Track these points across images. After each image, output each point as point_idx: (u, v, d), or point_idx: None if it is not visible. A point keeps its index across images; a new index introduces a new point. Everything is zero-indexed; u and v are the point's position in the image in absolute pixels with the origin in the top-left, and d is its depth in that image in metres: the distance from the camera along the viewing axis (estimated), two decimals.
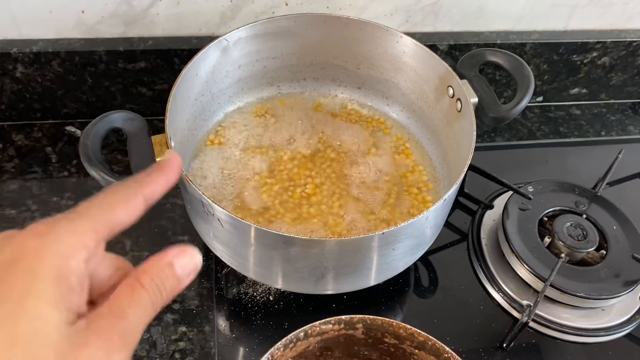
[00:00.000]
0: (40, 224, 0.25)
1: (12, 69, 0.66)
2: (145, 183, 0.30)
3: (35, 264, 0.24)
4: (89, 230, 0.26)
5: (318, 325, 0.40)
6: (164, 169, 0.32)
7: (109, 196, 0.28)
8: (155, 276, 0.27)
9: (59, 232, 0.25)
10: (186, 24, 0.68)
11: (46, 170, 0.68)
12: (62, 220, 0.26)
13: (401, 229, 0.46)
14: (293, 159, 0.62)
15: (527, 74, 0.57)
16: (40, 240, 0.24)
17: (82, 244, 0.25)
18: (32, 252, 0.24)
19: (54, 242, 0.24)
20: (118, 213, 0.27)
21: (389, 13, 0.71)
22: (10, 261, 0.24)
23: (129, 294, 0.26)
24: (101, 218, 0.27)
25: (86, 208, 0.27)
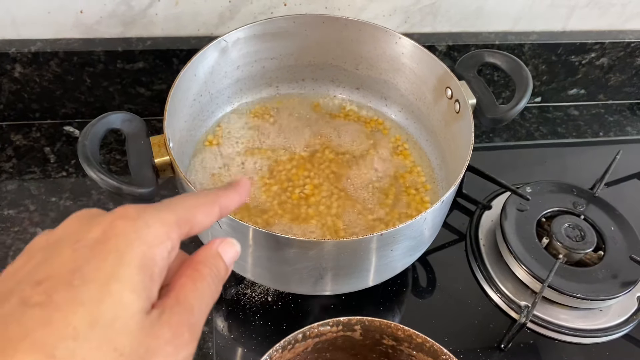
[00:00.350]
0: (129, 207, 0.26)
1: (10, 69, 0.66)
2: (222, 195, 0.31)
3: (123, 248, 0.24)
4: (174, 224, 0.26)
5: (316, 327, 0.40)
6: (237, 188, 0.33)
7: (191, 198, 0.29)
8: (212, 265, 0.28)
9: (148, 220, 0.25)
10: (185, 25, 0.68)
11: (44, 171, 0.68)
12: (150, 209, 0.26)
13: (399, 230, 0.46)
14: (291, 159, 0.62)
15: (525, 75, 0.57)
16: (130, 224, 0.25)
17: (167, 234, 0.26)
18: (122, 234, 0.24)
19: (143, 228, 0.25)
20: (198, 214, 0.28)
21: (388, 14, 0.71)
22: (99, 240, 0.24)
23: (193, 285, 0.26)
24: (185, 214, 0.27)
25: (171, 203, 0.27)
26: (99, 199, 0.65)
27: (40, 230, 0.62)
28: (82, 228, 0.25)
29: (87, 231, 0.25)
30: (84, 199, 0.65)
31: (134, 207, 0.26)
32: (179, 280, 0.26)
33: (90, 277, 0.23)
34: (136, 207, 0.26)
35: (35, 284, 0.23)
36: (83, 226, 0.26)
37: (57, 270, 0.23)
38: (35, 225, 0.62)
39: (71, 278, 0.23)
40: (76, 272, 0.23)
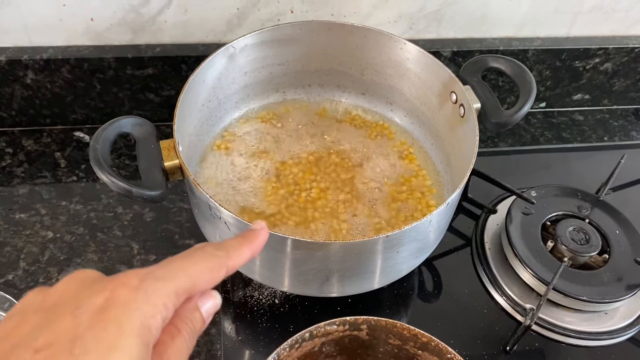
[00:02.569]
0: (131, 275, 0.26)
1: (22, 75, 0.68)
2: (232, 255, 0.30)
3: (123, 318, 0.24)
4: (172, 294, 0.26)
5: (323, 326, 0.41)
6: (252, 241, 0.32)
7: (196, 262, 0.28)
8: (188, 320, 0.28)
9: (148, 290, 0.25)
10: (193, 31, 0.69)
11: (55, 175, 0.69)
12: (150, 278, 0.26)
13: (405, 232, 0.47)
14: (298, 163, 0.63)
15: (529, 80, 0.58)
16: (131, 294, 0.25)
17: (165, 306, 0.26)
18: (122, 304, 0.25)
19: (142, 298, 0.25)
20: (200, 282, 0.28)
21: (393, 20, 0.72)
22: (100, 308, 0.24)
23: (172, 342, 0.27)
24: (185, 283, 0.27)
25: (173, 269, 0.27)
26: (108, 202, 0.66)
27: (51, 233, 0.63)
28: (83, 292, 0.25)
29: (88, 297, 0.25)
30: (94, 203, 0.66)
31: (135, 274, 0.26)
32: (161, 338, 0.27)
33: (90, 346, 0.23)
34: (137, 274, 0.26)
35: (34, 351, 0.23)
36: (83, 290, 0.26)
37: (57, 337, 0.24)
38: (46, 229, 0.63)
39: (72, 347, 0.23)
40: (77, 341, 0.23)
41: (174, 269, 0.27)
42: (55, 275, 0.60)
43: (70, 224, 0.64)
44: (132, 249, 0.62)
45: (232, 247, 0.31)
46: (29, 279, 0.59)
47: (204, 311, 0.29)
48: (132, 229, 0.64)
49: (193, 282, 0.27)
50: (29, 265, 0.60)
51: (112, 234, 0.63)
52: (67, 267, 0.60)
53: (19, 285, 0.59)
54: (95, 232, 0.63)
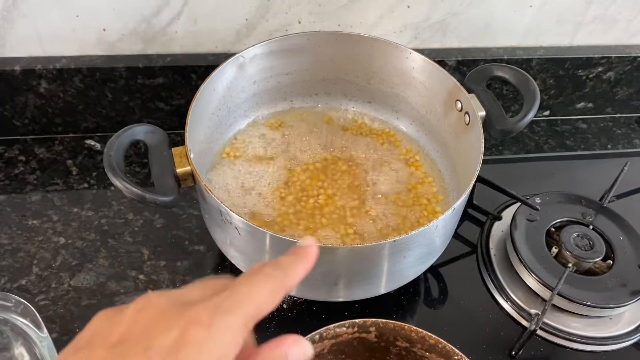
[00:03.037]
0: (201, 310, 0.25)
1: (36, 84, 0.69)
2: (289, 274, 0.29)
3: (205, 357, 0.23)
4: (242, 326, 0.25)
5: (332, 328, 0.42)
6: (306, 258, 0.31)
7: (258, 287, 0.27)
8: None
9: (219, 327, 0.24)
10: (203, 42, 0.71)
11: (67, 182, 0.70)
12: (219, 313, 0.25)
13: (412, 237, 0.48)
14: (306, 170, 0.64)
15: (532, 88, 0.59)
16: (203, 333, 0.24)
17: (235, 341, 0.25)
18: (194, 344, 0.24)
19: (214, 337, 0.24)
20: (264, 307, 0.27)
21: (399, 30, 0.74)
22: (173, 349, 0.24)
23: None
24: (251, 311, 0.26)
25: (239, 298, 0.26)
26: (119, 209, 0.67)
27: (63, 239, 0.64)
28: (153, 330, 0.24)
29: (158, 335, 0.24)
30: (105, 210, 0.67)
31: (204, 309, 0.25)
32: None
33: None
34: (206, 308, 0.25)
35: None
36: (153, 328, 0.24)
37: None
38: (58, 235, 0.64)
39: None
40: None
41: (240, 298, 0.26)
42: (67, 280, 0.61)
43: (82, 230, 0.65)
44: (143, 254, 0.63)
45: (288, 266, 0.29)
46: (42, 284, 0.60)
47: (292, 358, 0.27)
48: (143, 235, 0.65)
49: (258, 309, 0.26)
50: (41, 270, 0.61)
51: (123, 240, 0.65)
52: (79, 273, 0.61)
53: (32, 290, 0.60)
54: (106, 238, 0.65)
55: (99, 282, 0.61)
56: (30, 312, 0.51)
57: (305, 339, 0.28)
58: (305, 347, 0.28)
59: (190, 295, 0.27)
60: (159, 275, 0.62)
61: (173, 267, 0.62)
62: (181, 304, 0.25)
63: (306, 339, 0.28)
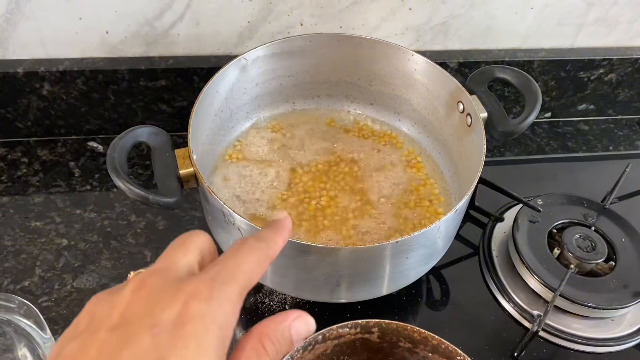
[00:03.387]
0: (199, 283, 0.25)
1: (39, 87, 0.69)
2: (271, 245, 0.30)
3: (201, 333, 0.23)
4: (239, 297, 0.26)
5: (335, 329, 0.42)
6: (282, 230, 0.32)
7: (246, 257, 0.28)
8: (275, 340, 0.27)
9: (219, 299, 0.25)
10: (205, 44, 0.71)
11: (69, 184, 0.70)
12: (217, 285, 0.25)
13: (414, 238, 0.48)
14: (308, 172, 0.65)
15: (534, 90, 0.59)
16: (204, 306, 0.24)
17: (235, 311, 0.25)
18: (197, 318, 0.24)
19: (216, 309, 0.24)
20: (254, 277, 0.27)
21: (400, 32, 0.74)
22: (176, 324, 0.23)
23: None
24: (244, 281, 0.26)
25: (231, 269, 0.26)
26: (121, 211, 0.68)
27: (66, 241, 0.64)
28: (155, 307, 0.24)
29: (161, 312, 0.24)
30: (108, 211, 0.67)
31: (201, 282, 0.25)
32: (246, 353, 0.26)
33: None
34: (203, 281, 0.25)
35: None
36: (154, 305, 0.24)
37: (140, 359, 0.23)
38: (61, 237, 0.65)
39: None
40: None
41: (232, 269, 0.26)
42: (70, 282, 0.61)
43: (85, 232, 0.65)
44: (145, 256, 0.63)
45: (269, 237, 0.30)
46: (45, 286, 0.60)
47: (295, 332, 0.28)
48: (145, 237, 0.65)
49: (249, 278, 0.27)
50: (44, 272, 0.62)
51: (126, 241, 0.65)
52: (82, 274, 0.62)
53: (35, 292, 0.60)
54: (109, 240, 0.65)
55: (101, 283, 0.61)
56: (33, 313, 0.51)
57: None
58: (309, 322, 0.28)
59: (179, 270, 0.27)
60: None
61: None
62: (176, 280, 0.26)
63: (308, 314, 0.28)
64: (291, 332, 0.27)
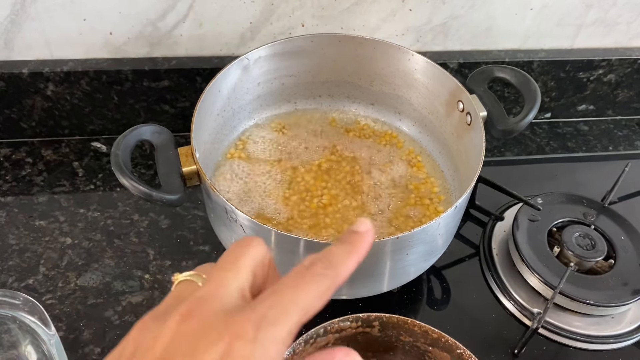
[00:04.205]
0: (246, 323, 0.24)
1: (43, 87, 0.70)
2: (340, 272, 0.26)
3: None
4: (288, 336, 0.24)
5: (337, 322, 0.42)
6: (359, 248, 0.28)
7: (307, 290, 0.25)
8: None
9: (264, 342, 0.23)
10: (208, 45, 0.72)
11: (73, 184, 0.71)
12: (265, 325, 0.24)
13: (414, 234, 0.48)
14: (309, 171, 0.65)
15: (533, 89, 0.60)
16: (249, 348, 0.23)
17: (280, 352, 0.24)
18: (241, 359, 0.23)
19: (259, 352, 0.23)
20: (312, 311, 0.25)
21: (401, 33, 0.74)
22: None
23: None
24: (299, 318, 0.24)
25: (286, 305, 0.24)
26: (124, 210, 0.68)
27: (70, 240, 0.65)
28: (199, 344, 0.23)
29: (204, 351, 0.23)
30: (111, 210, 0.68)
31: (249, 321, 0.24)
32: None
33: None
34: (251, 320, 0.24)
35: None
36: (198, 342, 0.23)
37: None
38: (64, 235, 0.65)
39: None
40: None
41: (286, 305, 0.24)
42: (74, 280, 0.61)
43: (88, 231, 0.66)
44: (148, 254, 0.64)
45: (341, 262, 0.27)
46: (49, 284, 0.61)
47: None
48: (148, 236, 0.66)
49: (306, 314, 0.25)
50: (48, 270, 0.62)
51: (129, 240, 0.65)
52: (85, 272, 0.62)
53: (39, 289, 0.60)
54: (112, 239, 0.65)
55: (105, 281, 0.61)
56: (38, 310, 0.51)
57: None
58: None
59: (229, 296, 0.25)
60: (165, 275, 0.62)
61: (178, 267, 0.63)
62: (224, 313, 0.24)
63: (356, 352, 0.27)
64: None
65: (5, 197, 0.69)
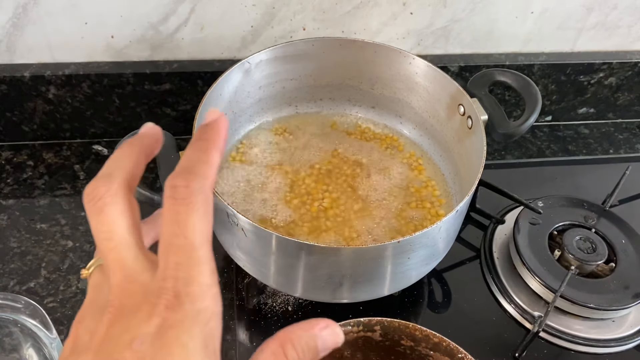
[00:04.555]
0: (164, 293, 0.23)
1: (45, 90, 0.70)
2: (206, 173, 0.26)
3: (185, 338, 0.22)
4: (212, 275, 0.24)
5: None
6: (213, 140, 0.27)
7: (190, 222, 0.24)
8: (299, 348, 0.25)
9: (194, 299, 0.23)
10: (209, 48, 0.72)
11: (74, 187, 0.71)
12: (183, 286, 0.23)
13: (415, 238, 0.48)
14: (310, 174, 0.65)
15: (534, 92, 0.60)
16: (181, 313, 0.23)
17: (215, 294, 0.24)
18: (177, 324, 0.23)
19: (194, 311, 0.23)
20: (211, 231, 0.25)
21: (402, 37, 0.75)
22: (157, 334, 0.22)
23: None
24: (206, 251, 0.24)
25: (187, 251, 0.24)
26: None
27: (71, 243, 0.65)
28: (130, 323, 0.23)
29: (138, 326, 0.23)
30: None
31: (166, 291, 0.23)
32: (262, 356, 0.25)
33: None
34: (168, 290, 0.23)
35: None
36: (129, 320, 0.23)
37: None
38: (66, 238, 0.65)
39: None
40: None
41: (188, 252, 0.24)
42: (75, 283, 0.61)
43: (89, 234, 0.66)
44: None
45: (201, 166, 0.26)
46: (50, 287, 0.61)
47: (321, 343, 0.26)
48: None
49: (208, 239, 0.24)
50: (49, 273, 0.62)
51: None
52: None
53: (41, 293, 0.60)
54: None
55: None
56: (39, 313, 0.51)
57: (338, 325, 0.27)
58: (337, 333, 0.27)
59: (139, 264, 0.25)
60: None
61: None
62: (143, 289, 0.24)
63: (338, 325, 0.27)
64: (317, 341, 0.26)
65: (6, 200, 0.69)
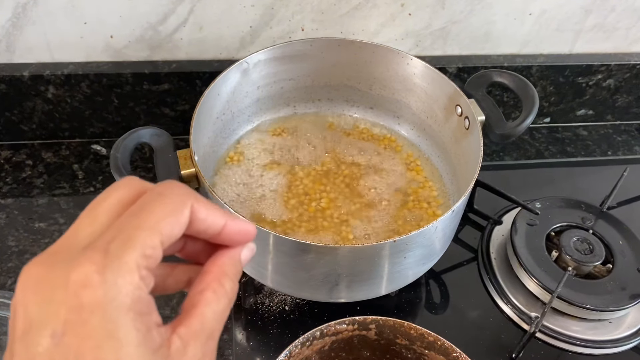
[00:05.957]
0: (88, 266, 0.22)
1: (44, 90, 0.70)
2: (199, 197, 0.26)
3: (107, 322, 0.22)
4: (143, 260, 0.23)
5: (333, 325, 0.42)
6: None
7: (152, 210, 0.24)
8: (234, 276, 0.27)
9: (108, 278, 0.22)
10: (208, 48, 0.72)
11: (73, 186, 0.71)
12: (109, 258, 0.22)
13: (412, 237, 0.48)
14: (308, 174, 0.65)
15: (531, 93, 0.60)
16: (100, 293, 0.22)
17: (134, 280, 0.23)
18: (96, 308, 0.22)
19: (112, 289, 0.22)
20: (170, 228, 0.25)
21: (400, 38, 0.75)
22: (75, 324, 0.22)
23: (217, 305, 0.25)
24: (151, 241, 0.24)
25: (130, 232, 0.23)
26: None
27: None
28: (42, 310, 0.22)
29: (55, 314, 0.22)
30: None
31: (92, 261, 0.22)
32: (203, 298, 0.25)
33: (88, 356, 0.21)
34: (95, 260, 0.22)
35: None
36: (43, 308, 0.22)
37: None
38: None
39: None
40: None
41: (131, 231, 0.23)
42: None
43: None
44: None
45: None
46: None
47: (244, 260, 0.28)
48: None
49: (159, 233, 0.24)
50: None
51: None
52: None
53: None
54: None
55: None
56: None
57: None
58: (253, 249, 0.29)
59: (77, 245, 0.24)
60: None
61: None
62: (63, 266, 0.23)
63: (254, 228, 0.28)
64: (242, 261, 0.28)
65: (5, 199, 0.69)
